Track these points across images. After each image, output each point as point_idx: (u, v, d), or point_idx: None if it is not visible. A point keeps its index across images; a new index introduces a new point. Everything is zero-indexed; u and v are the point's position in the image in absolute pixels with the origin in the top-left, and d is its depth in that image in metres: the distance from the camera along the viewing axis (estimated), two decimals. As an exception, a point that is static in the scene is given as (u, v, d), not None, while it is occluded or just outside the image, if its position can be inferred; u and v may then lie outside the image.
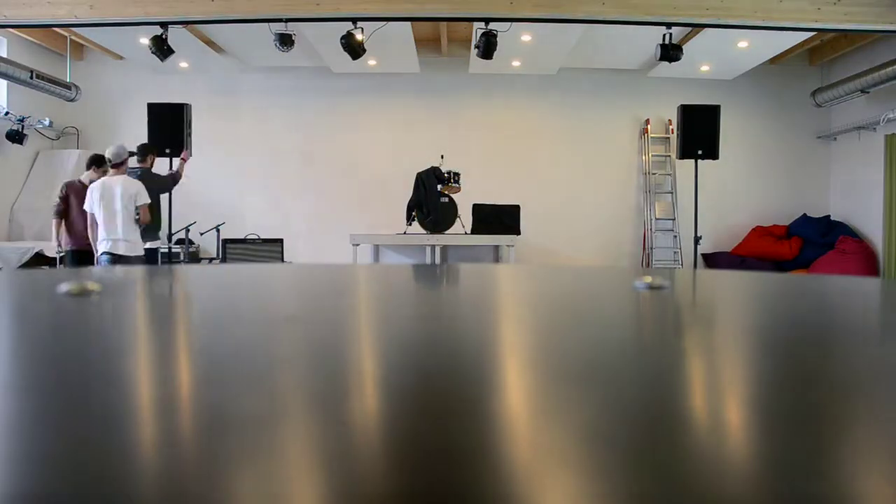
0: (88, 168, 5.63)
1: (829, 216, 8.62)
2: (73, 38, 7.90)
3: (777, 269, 8.07)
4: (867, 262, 7.83)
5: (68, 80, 7.88)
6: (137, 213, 5.00)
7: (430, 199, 7.31)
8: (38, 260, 6.98)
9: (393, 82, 8.64)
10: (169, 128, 6.12)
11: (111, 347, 0.50)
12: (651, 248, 8.57)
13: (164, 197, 5.93)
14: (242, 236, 7.22)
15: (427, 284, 1.18)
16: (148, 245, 5.46)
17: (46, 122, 8.11)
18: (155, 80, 8.21)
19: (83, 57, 8.71)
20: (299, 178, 8.74)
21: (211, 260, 8.17)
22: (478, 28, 6.22)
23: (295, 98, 8.70)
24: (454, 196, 7.40)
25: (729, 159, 8.18)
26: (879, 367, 0.44)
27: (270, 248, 7.59)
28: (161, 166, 6.12)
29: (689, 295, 0.99)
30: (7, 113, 7.54)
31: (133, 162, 5.51)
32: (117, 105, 8.61)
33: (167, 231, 6.30)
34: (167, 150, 6.08)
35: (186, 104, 6.21)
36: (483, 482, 0.22)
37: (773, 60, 8.16)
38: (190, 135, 6.25)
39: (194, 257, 8.06)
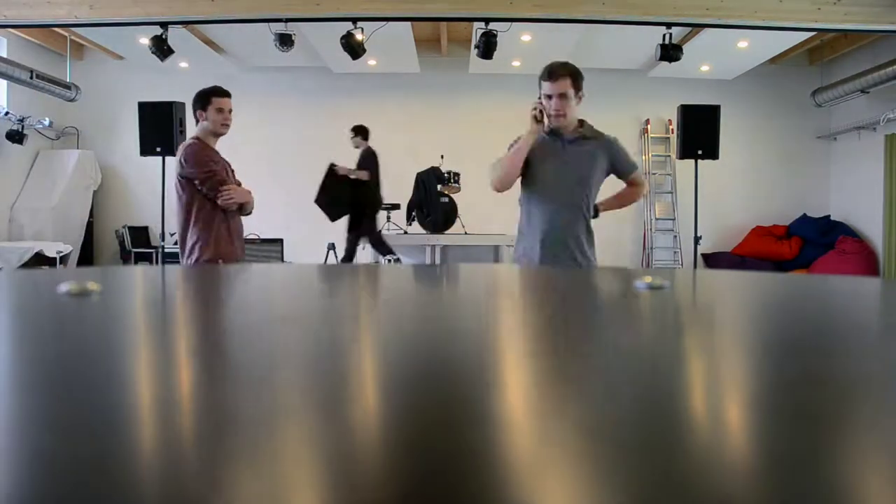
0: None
1: (829, 216, 8.62)
2: (73, 38, 7.90)
3: (777, 269, 8.07)
4: (867, 262, 7.83)
5: (68, 80, 7.88)
6: None
7: (430, 199, 7.31)
8: (38, 260, 6.99)
9: (393, 82, 8.64)
10: (160, 127, 6.05)
11: (110, 348, 0.50)
12: (651, 248, 8.57)
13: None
14: (242, 236, 7.21)
15: (427, 285, 1.18)
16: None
17: (46, 122, 8.11)
18: (155, 80, 8.20)
19: (83, 57, 8.71)
20: (299, 177, 8.73)
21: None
22: (478, 28, 6.22)
23: (295, 98, 8.70)
24: (454, 196, 7.40)
25: (729, 159, 8.17)
26: (880, 367, 0.44)
27: (270, 248, 7.59)
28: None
29: (689, 295, 0.99)
30: (7, 113, 7.54)
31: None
32: (117, 105, 8.61)
33: (160, 230, 6.30)
34: (158, 150, 6.02)
35: (177, 102, 6.09)
36: (485, 483, 0.21)
37: (773, 60, 8.16)
38: (183, 133, 6.17)
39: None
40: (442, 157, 7.45)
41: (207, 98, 3.43)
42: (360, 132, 6.73)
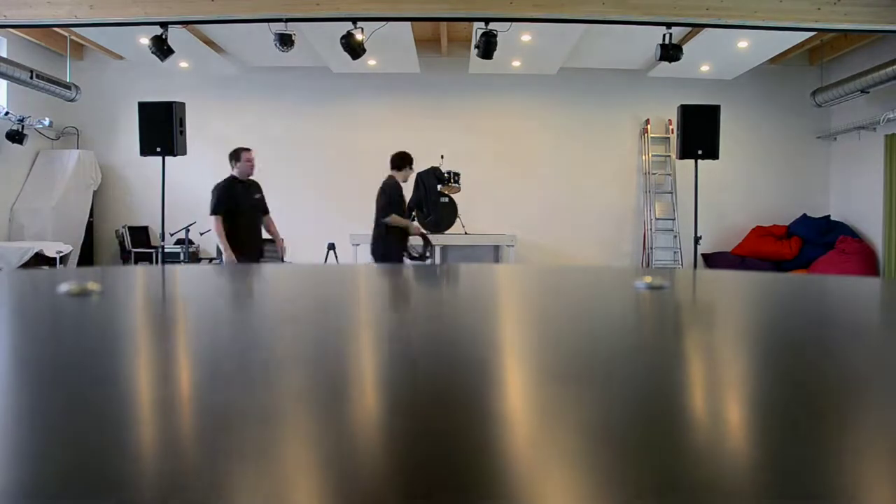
0: None
1: (829, 216, 8.61)
2: (73, 38, 7.89)
3: (777, 269, 8.07)
4: (867, 262, 7.83)
5: (68, 80, 7.87)
6: None
7: (430, 199, 7.31)
8: (38, 260, 6.99)
9: (393, 82, 8.64)
10: (160, 127, 6.05)
11: (110, 348, 0.50)
12: (651, 248, 8.57)
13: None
14: (242, 236, 7.20)
15: (427, 285, 1.18)
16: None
17: (46, 122, 8.10)
18: (155, 80, 8.20)
19: (83, 57, 8.71)
20: (299, 177, 8.74)
21: (211, 260, 8.17)
22: (478, 28, 6.22)
23: (295, 98, 8.70)
24: (454, 196, 7.40)
25: (729, 159, 8.17)
26: (879, 367, 0.44)
27: (270, 248, 7.58)
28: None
29: (688, 295, 0.99)
30: (7, 113, 7.54)
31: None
32: (117, 105, 8.60)
33: (160, 230, 6.33)
34: (158, 149, 6.02)
35: (178, 102, 6.07)
36: (485, 481, 0.22)
37: (773, 60, 8.16)
38: (183, 133, 6.16)
39: (194, 257, 8.06)
40: (442, 157, 7.45)
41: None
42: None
